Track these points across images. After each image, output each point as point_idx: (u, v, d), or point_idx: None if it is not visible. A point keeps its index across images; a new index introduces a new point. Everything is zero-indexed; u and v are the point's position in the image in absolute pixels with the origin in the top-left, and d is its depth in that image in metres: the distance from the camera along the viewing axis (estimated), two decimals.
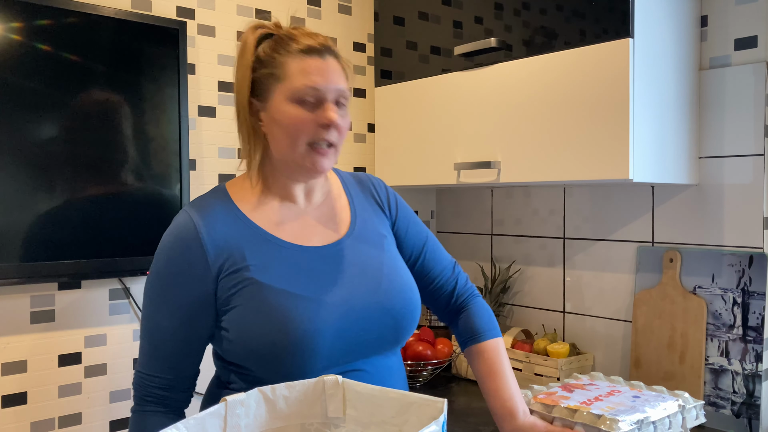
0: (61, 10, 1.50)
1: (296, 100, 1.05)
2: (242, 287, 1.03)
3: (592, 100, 1.45)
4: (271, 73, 1.07)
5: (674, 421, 1.24)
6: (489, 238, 2.12)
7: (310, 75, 1.05)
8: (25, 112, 1.46)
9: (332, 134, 1.06)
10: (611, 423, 1.14)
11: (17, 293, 1.54)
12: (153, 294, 1.07)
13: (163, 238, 1.08)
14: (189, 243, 1.04)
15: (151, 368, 1.08)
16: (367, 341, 1.08)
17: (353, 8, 2.15)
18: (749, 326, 1.50)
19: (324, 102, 1.05)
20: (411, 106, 1.88)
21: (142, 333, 1.09)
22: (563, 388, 1.33)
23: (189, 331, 1.06)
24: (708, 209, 1.60)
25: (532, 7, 1.57)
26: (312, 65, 1.05)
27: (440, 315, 1.34)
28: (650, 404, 1.23)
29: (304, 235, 1.11)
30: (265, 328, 1.01)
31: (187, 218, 1.06)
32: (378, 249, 1.16)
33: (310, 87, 1.04)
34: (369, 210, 1.22)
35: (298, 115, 1.04)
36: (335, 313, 1.04)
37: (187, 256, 1.04)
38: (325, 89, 1.05)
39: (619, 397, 1.28)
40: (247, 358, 1.04)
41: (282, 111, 1.05)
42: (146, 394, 1.08)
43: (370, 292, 1.09)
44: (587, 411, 1.19)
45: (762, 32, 1.51)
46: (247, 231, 1.07)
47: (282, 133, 1.06)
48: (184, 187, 1.69)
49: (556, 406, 1.22)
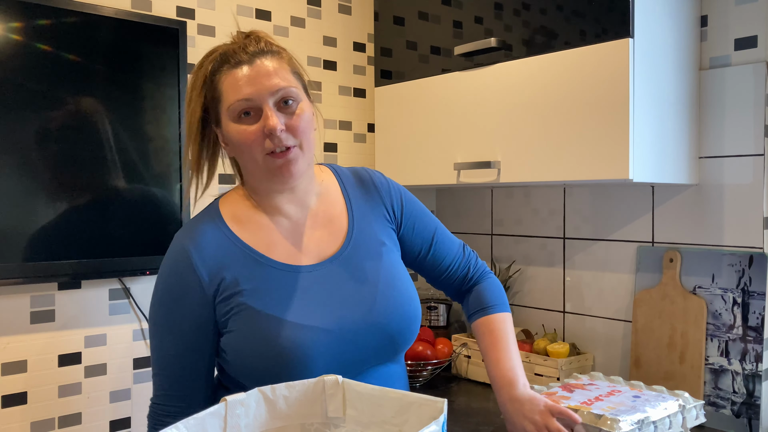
0: (61, 10, 1.50)
1: (235, 117, 1.02)
2: (236, 312, 1.03)
3: (592, 100, 1.45)
4: (213, 97, 1.05)
5: (674, 421, 1.24)
6: (489, 238, 2.12)
7: (239, 88, 1.00)
8: (25, 112, 1.46)
9: (284, 139, 1.01)
10: (612, 423, 1.14)
11: (17, 293, 1.54)
12: (156, 323, 1.07)
13: (161, 268, 1.07)
14: (183, 270, 1.03)
15: (165, 398, 1.07)
16: (363, 359, 1.08)
17: (353, 8, 2.14)
18: (749, 326, 1.50)
19: (261, 110, 1.01)
20: (411, 106, 1.88)
21: (153, 363, 1.09)
22: (563, 388, 1.33)
23: (196, 356, 1.05)
24: (708, 209, 1.60)
25: (532, 7, 1.57)
26: (239, 77, 1.01)
27: (453, 296, 1.34)
28: (650, 404, 1.23)
29: (296, 254, 1.08)
30: (259, 354, 1.01)
31: (180, 246, 1.05)
32: (375, 260, 1.12)
33: (241, 100, 1.00)
34: (368, 214, 1.17)
35: (243, 132, 1.01)
36: (327, 339, 1.03)
37: (183, 283, 1.03)
38: (258, 96, 1.00)
39: (619, 397, 1.28)
40: (246, 379, 1.04)
41: (229, 132, 1.03)
42: (159, 422, 1.07)
43: (365, 312, 1.07)
44: (588, 411, 1.19)
45: (762, 32, 1.51)
46: (238, 253, 1.06)
47: (239, 152, 1.04)
48: (184, 187, 1.69)
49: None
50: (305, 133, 1.04)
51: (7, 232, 1.44)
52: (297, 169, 1.03)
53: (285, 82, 1.02)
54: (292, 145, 1.02)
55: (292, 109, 1.03)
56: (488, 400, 1.74)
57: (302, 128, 1.03)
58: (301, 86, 1.07)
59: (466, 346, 1.93)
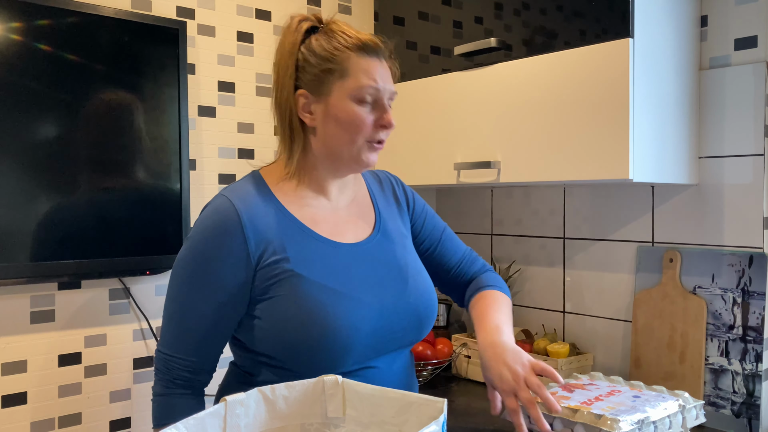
0: (61, 10, 1.50)
1: (358, 98, 1.07)
2: (282, 278, 1.04)
3: (592, 100, 1.45)
4: (330, 69, 1.07)
5: (674, 421, 1.24)
6: (489, 238, 2.12)
7: (372, 75, 1.07)
8: (25, 112, 1.46)
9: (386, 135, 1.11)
10: (612, 423, 1.14)
11: (17, 293, 1.54)
12: (187, 276, 1.05)
13: (202, 221, 1.06)
14: (231, 230, 1.03)
15: (179, 350, 1.06)
16: (394, 339, 1.11)
17: (353, 8, 2.15)
18: (749, 326, 1.50)
19: (381, 102, 1.09)
20: (411, 106, 1.88)
21: (169, 314, 1.08)
22: (564, 388, 1.33)
23: (223, 316, 1.06)
24: (708, 209, 1.60)
25: (532, 7, 1.57)
26: (372, 65, 1.08)
27: (459, 300, 1.36)
28: (650, 404, 1.23)
29: (337, 232, 1.13)
30: (303, 321, 1.02)
31: (229, 204, 1.04)
32: (402, 248, 1.19)
33: (372, 87, 1.07)
34: (390, 209, 1.24)
35: (360, 114, 1.07)
36: (371, 312, 1.07)
37: (227, 242, 1.03)
38: (384, 90, 1.09)
39: (619, 397, 1.28)
40: (280, 349, 1.04)
41: (342, 108, 1.07)
42: (175, 377, 1.07)
43: (399, 292, 1.12)
44: (588, 411, 1.19)
45: (762, 32, 1.51)
46: (286, 222, 1.08)
47: (339, 129, 1.07)
48: (184, 187, 1.69)
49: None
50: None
51: (7, 232, 1.44)
52: (375, 162, 1.13)
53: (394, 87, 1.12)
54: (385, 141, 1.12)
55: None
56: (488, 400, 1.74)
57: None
58: None
59: (466, 346, 1.93)
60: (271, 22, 1.96)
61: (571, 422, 1.19)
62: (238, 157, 1.89)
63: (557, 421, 1.21)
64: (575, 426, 1.18)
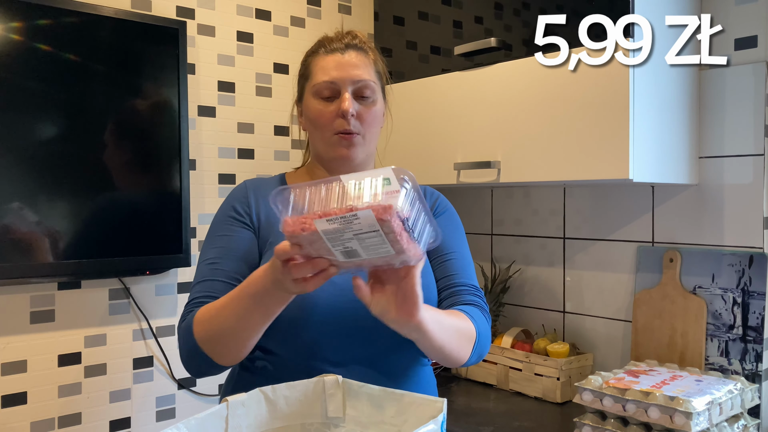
0: (61, 10, 1.50)
1: (316, 94, 1.13)
2: (271, 247, 1.08)
3: (592, 100, 1.45)
4: (302, 75, 1.19)
5: (735, 402, 1.37)
6: (489, 238, 2.12)
7: (328, 71, 1.12)
8: (25, 112, 1.46)
9: (352, 123, 1.11)
10: (685, 404, 1.25)
11: (17, 293, 1.54)
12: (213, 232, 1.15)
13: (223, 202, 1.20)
14: (240, 199, 1.16)
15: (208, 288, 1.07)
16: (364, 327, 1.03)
17: (353, 8, 2.15)
18: (749, 326, 1.50)
19: (340, 93, 1.12)
20: (411, 106, 1.88)
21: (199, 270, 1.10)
22: (629, 374, 1.44)
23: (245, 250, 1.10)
24: (708, 209, 1.60)
25: (532, 7, 1.57)
26: (330, 61, 1.13)
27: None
28: (715, 387, 1.35)
29: None
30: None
31: (242, 185, 1.19)
32: None
33: (326, 81, 1.12)
34: None
35: (318, 107, 1.13)
36: (335, 289, 1.03)
37: (239, 207, 1.15)
38: (341, 81, 1.11)
39: (682, 381, 1.40)
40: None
41: (308, 106, 1.15)
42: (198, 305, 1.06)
43: None
44: (660, 393, 1.29)
45: (762, 32, 1.51)
46: None
47: (311, 127, 1.16)
48: (184, 187, 1.69)
49: (629, 389, 1.33)
50: (370, 126, 1.15)
51: (7, 231, 1.44)
52: (355, 154, 1.14)
53: (366, 75, 1.14)
54: (356, 132, 1.13)
55: (366, 102, 1.14)
56: (488, 400, 1.74)
57: (369, 120, 1.15)
58: (380, 87, 1.19)
59: None
60: (271, 22, 1.96)
61: (645, 404, 1.29)
62: (238, 157, 1.89)
63: (630, 404, 1.31)
64: (649, 408, 1.28)
